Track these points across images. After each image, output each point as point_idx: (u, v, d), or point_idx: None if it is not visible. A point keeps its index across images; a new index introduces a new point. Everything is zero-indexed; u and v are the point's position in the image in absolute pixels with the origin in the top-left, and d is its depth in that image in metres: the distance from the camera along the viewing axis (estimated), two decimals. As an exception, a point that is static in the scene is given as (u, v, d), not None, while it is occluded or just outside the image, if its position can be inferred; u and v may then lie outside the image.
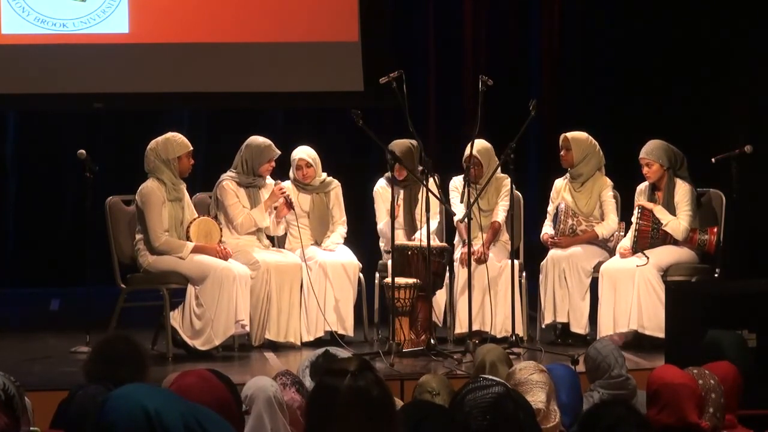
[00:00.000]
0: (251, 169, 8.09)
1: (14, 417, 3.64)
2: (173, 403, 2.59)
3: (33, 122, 10.96)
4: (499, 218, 8.29)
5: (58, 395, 4.80)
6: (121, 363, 4.48)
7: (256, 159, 8.07)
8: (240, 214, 8.05)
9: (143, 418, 2.52)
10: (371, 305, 8.38)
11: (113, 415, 2.54)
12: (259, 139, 8.14)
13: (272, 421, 4.24)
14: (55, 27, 10.13)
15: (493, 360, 5.16)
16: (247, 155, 8.10)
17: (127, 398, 2.56)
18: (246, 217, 8.05)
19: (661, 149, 8.09)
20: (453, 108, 11.02)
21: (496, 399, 3.46)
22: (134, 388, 2.62)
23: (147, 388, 2.62)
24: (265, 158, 8.08)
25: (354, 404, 2.96)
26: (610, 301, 7.94)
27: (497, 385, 3.49)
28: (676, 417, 4.33)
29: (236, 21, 10.34)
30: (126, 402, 2.55)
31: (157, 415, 2.53)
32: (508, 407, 3.44)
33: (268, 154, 8.09)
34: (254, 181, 8.13)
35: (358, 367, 3.03)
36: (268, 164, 8.09)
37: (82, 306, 8.17)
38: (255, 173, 8.09)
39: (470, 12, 11.09)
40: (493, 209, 8.33)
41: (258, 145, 8.11)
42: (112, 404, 2.56)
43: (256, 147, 8.10)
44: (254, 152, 8.09)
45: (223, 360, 7.69)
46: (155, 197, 7.71)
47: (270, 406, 4.26)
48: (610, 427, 3.38)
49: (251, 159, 8.08)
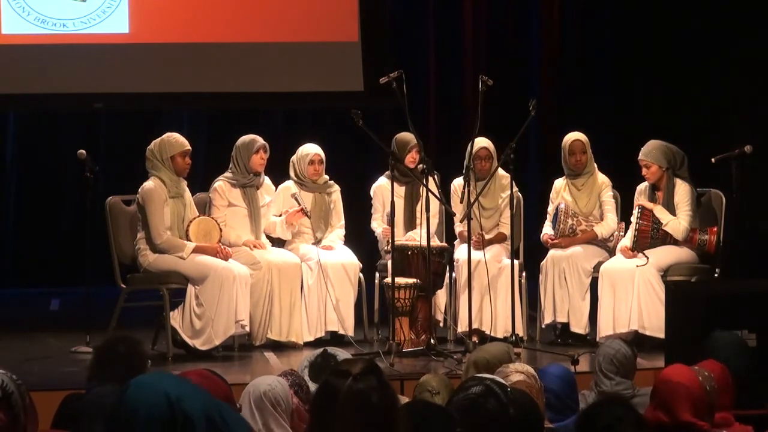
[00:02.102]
0: (243, 167, 8.11)
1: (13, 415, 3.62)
2: (195, 393, 2.60)
3: (33, 122, 10.96)
4: (506, 230, 8.26)
5: (58, 395, 4.79)
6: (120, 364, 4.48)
7: (244, 155, 8.13)
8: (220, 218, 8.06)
9: (165, 404, 2.53)
10: (371, 305, 8.39)
11: (135, 401, 2.54)
12: (247, 136, 8.20)
13: (262, 417, 4.26)
14: (55, 27, 10.13)
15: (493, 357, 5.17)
16: (237, 155, 8.16)
17: (150, 385, 2.57)
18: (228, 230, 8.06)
19: (660, 150, 8.09)
20: (453, 108, 11.02)
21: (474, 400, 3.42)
22: (157, 375, 2.62)
23: (170, 376, 2.63)
24: (251, 150, 8.11)
25: (353, 406, 2.97)
26: (610, 301, 7.94)
27: (478, 384, 3.46)
28: (669, 415, 4.34)
29: (236, 21, 10.33)
30: (149, 388, 2.56)
31: (178, 402, 2.53)
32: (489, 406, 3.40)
33: (252, 146, 8.13)
34: (250, 181, 8.14)
35: (362, 370, 3.02)
36: (256, 156, 8.11)
37: (82, 306, 8.17)
38: (248, 170, 8.11)
39: (470, 12, 11.09)
40: (496, 208, 8.32)
41: (243, 141, 8.18)
42: (134, 390, 2.56)
43: (242, 144, 8.17)
44: (241, 149, 8.15)
45: (223, 360, 7.70)
46: (156, 195, 7.72)
47: (260, 402, 4.29)
48: (607, 426, 3.38)
49: (240, 157, 8.13)
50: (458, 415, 3.41)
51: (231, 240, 8.01)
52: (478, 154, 8.16)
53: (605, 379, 5.39)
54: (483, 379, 3.53)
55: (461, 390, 3.49)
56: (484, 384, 3.47)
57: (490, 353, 5.24)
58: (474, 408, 3.41)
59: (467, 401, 3.42)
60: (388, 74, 7.70)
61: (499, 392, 3.45)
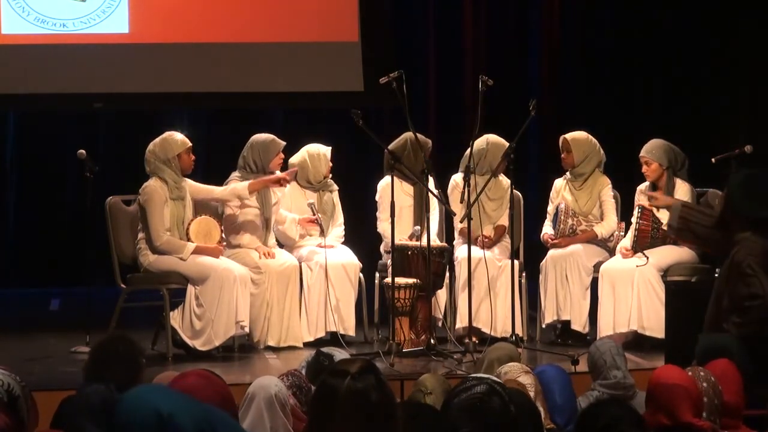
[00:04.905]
0: (261, 168, 8.07)
1: (18, 418, 3.62)
2: (186, 405, 2.59)
3: (33, 122, 10.96)
4: (505, 222, 8.28)
5: (58, 395, 4.80)
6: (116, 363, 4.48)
7: (264, 156, 8.07)
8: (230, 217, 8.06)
9: (156, 421, 2.53)
10: (371, 305, 8.39)
11: (126, 417, 2.54)
12: (262, 135, 8.15)
13: (272, 420, 4.24)
14: (55, 27, 10.13)
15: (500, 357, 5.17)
16: (255, 155, 8.09)
17: (141, 400, 2.57)
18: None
19: (662, 149, 8.09)
20: (453, 108, 11.02)
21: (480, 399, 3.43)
22: (147, 389, 2.62)
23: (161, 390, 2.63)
24: (273, 153, 8.09)
25: (352, 406, 2.97)
26: (610, 301, 7.94)
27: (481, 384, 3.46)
28: (671, 418, 4.33)
29: (236, 21, 10.33)
30: (139, 404, 2.55)
31: (169, 418, 2.53)
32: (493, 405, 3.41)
33: (275, 148, 8.10)
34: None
35: (360, 369, 3.03)
36: (277, 158, 8.10)
37: (82, 306, 8.17)
38: (266, 170, 8.08)
39: (470, 12, 11.08)
40: (501, 199, 8.32)
41: (263, 142, 8.11)
42: (125, 406, 2.56)
43: (262, 144, 8.10)
44: (261, 150, 8.09)
45: (223, 360, 7.70)
46: (157, 196, 7.71)
47: (271, 404, 4.26)
48: (606, 426, 3.38)
49: (259, 157, 8.08)
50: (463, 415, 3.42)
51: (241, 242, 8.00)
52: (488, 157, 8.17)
53: (615, 371, 5.36)
54: (484, 379, 3.54)
55: (464, 390, 3.49)
56: (486, 383, 3.47)
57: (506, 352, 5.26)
58: (480, 407, 3.42)
59: (473, 400, 3.43)
60: (388, 74, 7.70)
61: (501, 391, 3.46)
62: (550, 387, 4.80)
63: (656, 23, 10.97)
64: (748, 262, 5.97)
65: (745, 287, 5.97)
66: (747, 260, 5.97)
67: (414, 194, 8.34)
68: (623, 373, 5.35)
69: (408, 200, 8.32)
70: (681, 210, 6.57)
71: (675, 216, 6.57)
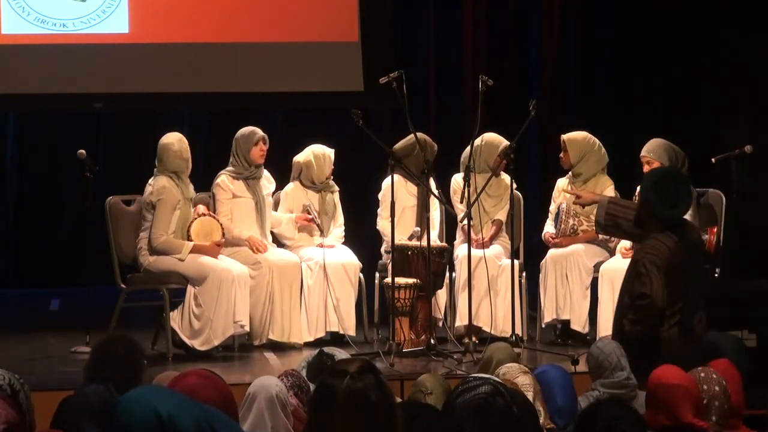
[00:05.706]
0: (243, 159, 8.12)
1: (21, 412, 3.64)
2: (186, 406, 2.59)
3: (33, 122, 10.96)
4: (503, 217, 8.30)
5: (58, 395, 4.80)
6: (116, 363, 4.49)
7: (244, 147, 8.14)
8: (224, 212, 8.05)
9: (156, 422, 2.52)
10: (371, 305, 8.39)
11: (126, 419, 2.53)
12: (244, 129, 8.21)
13: (273, 420, 4.24)
14: (55, 27, 10.13)
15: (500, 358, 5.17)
16: (237, 147, 8.18)
17: (140, 402, 2.56)
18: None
19: (663, 148, 8.09)
20: (453, 108, 11.02)
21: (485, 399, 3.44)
22: (147, 390, 2.61)
23: (160, 391, 2.62)
24: (251, 142, 8.12)
25: (352, 406, 2.97)
26: (610, 301, 7.93)
27: (485, 384, 3.47)
28: (672, 418, 4.33)
29: (236, 21, 10.33)
30: (139, 405, 2.55)
31: (169, 419, 2.53)
32: (498, 405, 3.42)
33: (252, 137, 8.14)
34: (253, 173, 8.15)
35: (359, 369, 3.02)
36: (256, 148, 8.13)
37: (82, 306, 8.18)
38: (248, 162, 8.12)
39: (470, 12, 11.08)
40: (500, 196, 8.32)
41: (242, 134, 8.20)
42: (124, 408, 2.56)
43: (242, 136, 8.19)
44: (241, 142, 8.17)
45: (223, 360, 7.70)
46: (171, 196, 7.72)
47: (272, 404, 4.26)
48: (607, 426, 3.38)
49: (241, 149, 8.14)
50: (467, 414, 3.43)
51: (234, 234, 8.00)
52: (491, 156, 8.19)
53: (620, 372, 5.35)
54: (486, 379, 3.55)
55: (467, 390, 3.49)
56: (490, 384, 3.48)
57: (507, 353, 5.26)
58: (484, 407, 3.43)
59: (478, 400, 3.43)
60: (388, 74, 7.70)
61: (503, 391, 3.47)
62: (552, 388, 4.79)
63: (656, 23, 10.97)
64: (644, 261, 6.02)
65: (639, 286, 6.02)
66: (644, 259, 6.02)
67: (418, 194, 8.35)
68: (627, 374, 5.35)
69: (411, 200, 8.33)
70: (607, 206, 6.59)
71: (602, 213, 6.60)
